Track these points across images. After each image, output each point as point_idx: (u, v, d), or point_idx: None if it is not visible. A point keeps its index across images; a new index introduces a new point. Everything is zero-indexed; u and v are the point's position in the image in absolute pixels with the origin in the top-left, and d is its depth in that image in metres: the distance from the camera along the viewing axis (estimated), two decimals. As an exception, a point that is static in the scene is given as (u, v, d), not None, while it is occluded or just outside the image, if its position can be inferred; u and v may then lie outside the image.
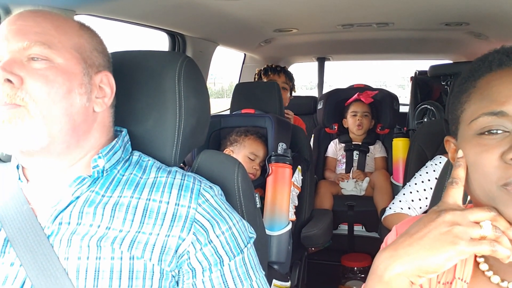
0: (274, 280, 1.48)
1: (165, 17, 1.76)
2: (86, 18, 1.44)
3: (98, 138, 0.78)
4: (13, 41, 0.69)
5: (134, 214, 0.73)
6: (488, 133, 0.54)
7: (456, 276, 0.59)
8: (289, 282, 1.56)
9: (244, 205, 0.93)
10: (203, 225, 0.74)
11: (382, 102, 2.65)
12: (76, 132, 0.73)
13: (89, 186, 0.75)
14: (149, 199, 0.75)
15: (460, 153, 0.58)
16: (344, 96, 2.71)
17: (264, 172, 1.66)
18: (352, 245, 2.44)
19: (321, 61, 3.56)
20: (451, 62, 3.13)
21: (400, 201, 1.54)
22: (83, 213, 0.72)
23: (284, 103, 2.23)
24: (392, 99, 2.66)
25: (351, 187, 2.47)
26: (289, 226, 1.57)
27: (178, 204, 0.75)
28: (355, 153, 2.60)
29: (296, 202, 1.76)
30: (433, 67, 2.49)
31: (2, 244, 0.70)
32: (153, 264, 0.70)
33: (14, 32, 0.69)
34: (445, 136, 0.65)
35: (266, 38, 2.52)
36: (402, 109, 2.84)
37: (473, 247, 0.50)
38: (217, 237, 0.74)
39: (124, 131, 0.85)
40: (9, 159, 0.82)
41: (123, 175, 0.79)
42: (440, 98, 2.57)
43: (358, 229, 2.44)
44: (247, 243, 0.79)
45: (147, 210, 0.74)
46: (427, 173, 1.51)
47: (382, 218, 1.61)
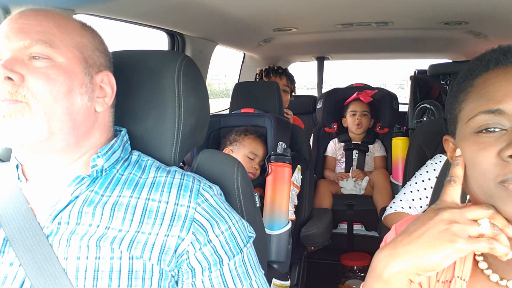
0: (274, 279, 1.48)
1: (164, 17, 1.76)
2: (86, 18, 1.44)
3: (98, 138, 0.78)
4: (15, 40, 0.68)
5: (134, 214, 0.73)
6: (486, 131, 0.55)
7: (455, 275, 0.59)
8: (289, 281, 1.55)
9: (244, 205, 0.93)
10: (203, 225, 0.74)
11: (382, 101, 2.65)
12: (77, 131, 0.73)
13: (88, 186, 0.75)
14: (149, 199, 0.75)
15: (458, 152, 0.58)
16: (344, 96, 2.71)
17: (264, 172, 1.65)
18: (352, 244, 2.44)
19: (321, 60, 3.56)
20: (451, 61, 3.13)
21: (401, 200, 1.54)
22: (82, 213, 0.72)
23: (284, 105, 2.22)
24: (392, 98, 2.66)
25: (351, 186, 2.48)
26: (289, 226, 1.57)
27: (178, 204, 0.75)
28: (355, 152, 2.61)
29: (296, 202, 1.76)
30: (433, 66, 2.49)
31: (1, 244, 0.70)
32: (153, 264, 0.70)
33: (16, 31, 0.69)
34: (444, 136, 0.66)
35: (266, 38, 2.52)
36: (402, 108, 2.84)
37: (471, 245, 0.51)
38: (217, 237, 0.74)
39: (124, 131, 0.84)
40: (9, 159, 0.82)
41: (122, 175, 0.78)
42: (440, 97, 2.57)
43: (358, 228, 2.44)
44: (247, 243, 0.79)
45: (147, 210, 0.73)
46: (427, 172, 1.51)
47: (383, 217, 1.60)
